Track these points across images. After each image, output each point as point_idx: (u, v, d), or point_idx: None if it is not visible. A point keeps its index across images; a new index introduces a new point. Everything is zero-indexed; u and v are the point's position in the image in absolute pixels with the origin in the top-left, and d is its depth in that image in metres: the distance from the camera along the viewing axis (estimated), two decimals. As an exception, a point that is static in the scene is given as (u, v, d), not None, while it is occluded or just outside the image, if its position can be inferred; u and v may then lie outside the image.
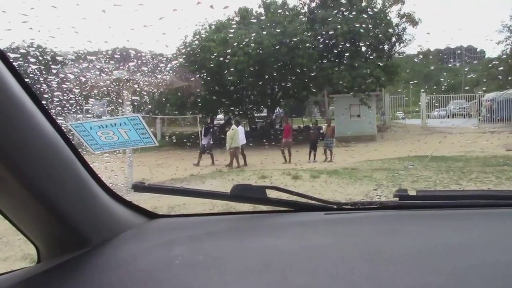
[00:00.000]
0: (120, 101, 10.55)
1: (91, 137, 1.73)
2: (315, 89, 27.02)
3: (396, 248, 1.34)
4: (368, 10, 24.64)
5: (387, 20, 26.75)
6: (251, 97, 26.19)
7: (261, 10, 27.00)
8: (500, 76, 28.34)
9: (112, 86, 10.29)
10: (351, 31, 22.17)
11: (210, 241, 1.53)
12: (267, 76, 21.99)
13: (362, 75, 22.99)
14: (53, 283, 1.26)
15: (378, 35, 25.75)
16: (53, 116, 1.27)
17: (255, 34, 21.82)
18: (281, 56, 21.84)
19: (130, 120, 1.77)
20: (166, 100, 22.31)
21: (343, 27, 22.10)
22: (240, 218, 1.86)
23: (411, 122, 29.74)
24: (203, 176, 12.86)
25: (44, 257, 1.51)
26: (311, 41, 22.91)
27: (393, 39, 29.66)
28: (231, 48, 21.41)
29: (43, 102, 1.23)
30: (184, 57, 21.82)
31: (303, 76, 22.90)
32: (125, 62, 11.31)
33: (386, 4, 27.71)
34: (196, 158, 16.67)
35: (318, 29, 23.47)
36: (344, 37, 22.34)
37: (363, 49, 25.33)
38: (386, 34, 27.16)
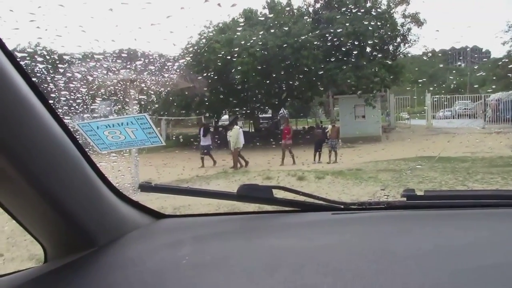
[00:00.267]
0: (127, 101, 10.55)
1: (98, 137, 1.73)
2: (320, 90, 26.98)
3: (404, 248, 1.34)
4: (373, 11, 24.60)
5: (392, 21, 26.67)
6: (256, 98, 26.20)
7: (266, 11, 27.05)
8: (511, 74, 28.12)
9: (119, 86, 10.30)
10: (356, 32, 22.11)
11: (217, 241, 1.52)
12: (272, 77, 21.99)
13: (367, 76, 22.95)
14: (60, 283, 1.26)
15: (383, 36, 25.67)
16: (60, 116, 1.27)
17: (260, 35, 21.82)
18: (286, 57, 21.84)
19: (137, 120, 1.76)
20: (172, 101, 22.32)
21: (348, 28, 22.05)
22: (247, 218, 1.85)
23: (416, 123, 29.69)
24: (208, 177, 12.87)
25: (51, 257, 1.51)
26: (316, 42, 22.88)
27: (398, 40, 29.54)
28: (236, 49, 21.41)
29: (50, 102, 1.23)
30: (192, 56, 21.82)
31: (308, 77, 22.89)
32: (132, 61, 11.32)
33: (391, 5, 27.63)
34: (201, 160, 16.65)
35: (323, 30, 23.42)
36: (349, 38, 22.28)
37: (368, 50, 25.28)
38: (391, 35, 27.09)
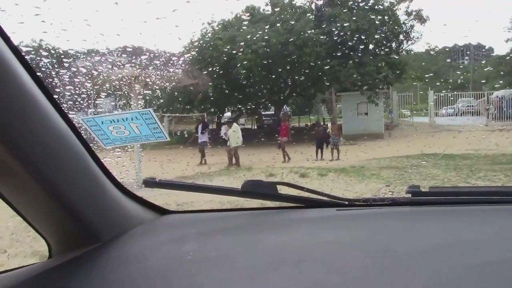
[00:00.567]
0: (132, 96, 10.54)
1: (103, 132, 1.73)
2: (323, 87, 26.97)
3: (410, 244, 1.33)
4: (376, 8, 24.53)
5: (395, 18, 26.62)
6: (259, 95, 26.19)
7: (268, 8, 27.00)
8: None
9: (124, 80, 10.29)
10: (359, 29, 22.05)
11: (221, 237, 1.52)
12: (275, 74, 21.96)
13: (370, 73, 22.92)
14: (64, 278, 1.26)
15: (386, 33, 25.63)
16: (65, 111, 1.26)
17: (262, 32, 21.78)
18: (289, 54, 21.79)
19: (142, 115, 1.76)
20: (175, 97, 22.29)
21: (351, 25, 22.00)
22: (251, 214, 1.85)
23: (419, 120, 29.61)
24: (211, 174, 12.89)
25: (55, 253, 1.52)
26: (319, 39, 22.84)
27: (401, 37, 29.50)
28: (239, 46, 21.39)
29: (55, 97, 1.22)
30: (197, 50, 21.78)
31: (311, 74, 22.87)
32: (137, 56, 11.30)
33: (394, 2, 27.54)
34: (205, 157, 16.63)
35: (326, 27, 23.37)
36: (352, 35, 22.23)
37: (371, 47, 25.24)
38: (394, 32, 27.04)
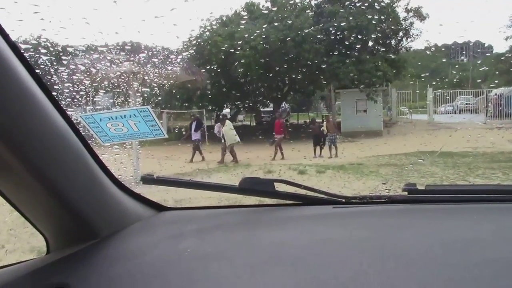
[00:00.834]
0: (130, 93, 10.54)
1: (101, 129, 1.74)
2: (322, 84, 26.94)
3: (406, 242, 1.34)
4: (376, 5, 24.48)
5: (395, 15, 26.58)
6: (258, 91, 26.19)
7: (268, 5, 26.95)
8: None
9: (122, 78, 10.30)
10: (358, 26, 22.02)
11: (219, 234, 1.53)
12: (274, 71, 21.93)
13: (369, 70, 22.89)
14: (62, 274, 1.27)
15: (386, 30, 25.61)
16: (63, 108, 1.27)
17: (262, 29, 21.76)
18: (288, 51, 21.78)
19: (140, 112, 1.77)
20: (173, 94, 22.27)
21: (350, 22, 21.97)
22: (249, 211, 1.86)
23: (418, 118, 29.63)
24: (209, 171, 12.88)
25: (53, 248, 1.52)
26: (318, 36, 22.81)
27: (401, 34, 29.46)
28: (238, 43, 21.36)
29: (54, 94, 1.23)
30: (194, 49, 21.74)
31: (310, 71, 22.85)
32: (136, 54, 11.31)
33: (394, -1, 27.49)
34: (203, 153, 16.60)
35: (325, 24, 23.34)
36: (351, 32, 22.21)
37: (370, 44, 25.22)
38: (394, 29, 27.01)
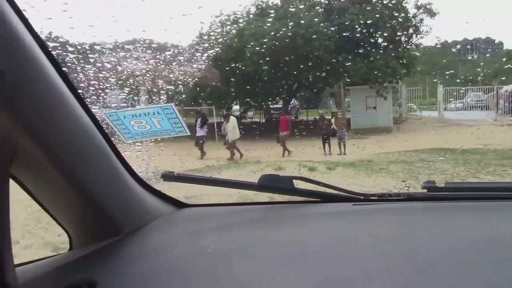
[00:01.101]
0: (155, 90, 10.61)
1: (124, 126, 1.75)
2: (331, 81, 26.86)
3: (426, 240, 1.34)
4: (385, 1, 24.35)
5: (405, 11, 26.39)
6: (267, 88, 26.12)
7: (277, 1, 26.90)
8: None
9: (147, 76, 10.36)
10: (368, 22, 21.93)
11: (240, 231, 1.54)
12: (283, 67, 21.88)
13: (379, 67, 22.76)
14: (88, 270, 1.28)
15: (395, 26, 25.44)
16: (88, 105, 1.28)
17: (271, 26, 21.70)
18: (297, 47, 21.70)
19: (164, 109, 1.78)
20: (191, 91, 22.24)
21: (360, 18, 21.88)
22: (268, 208, 1.87)
23: (428, 114, 29.46)
24: (219, 167, 12.91)
25: (76, 245, 1.54)
26: (327, 32, 22.72)
27: (410, 30, 29.24)
28: (247, 39, 21.32)
29: (79, 91, 1.24)
30: (220, 47, 21.66)
31: (319, 67, 22.75)
32: (161, 52, 11.37)
33: (404, -5, 27.27)
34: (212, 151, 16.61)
35: (335, 20, 23.26)
36: (361, 28, 22.12)
37: (380, 41, 25.06)
38: (403, 25, 26.82)
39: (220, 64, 20.82)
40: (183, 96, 18.00)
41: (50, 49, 1.12)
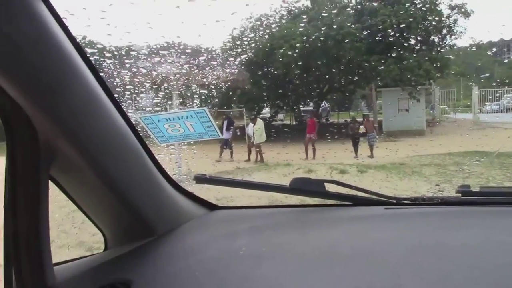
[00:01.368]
0: (188, 95, 10.75)
1: (158, 130, 1.79)
2: (362, 83, 26.56)
3: (461, 244, 1.31)
4: (418, 2, 23.99)
5: (438, 12, 25.93)
6: (297, 91, 26.06)
7: (308, 3, 26.83)
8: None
9: (181, 80, 10.50)
10: (400, 23, 21.64)
11: (272, 233, 1.54)
12: (313, 70, 21.80)
13: (411, 68, 22.39)
14: (124, 270, 1.31)
15: (428, 27, 25.03)
16: (124, 110, 1.31)
17: (302, 27, 21.64)
18: (328, 49, 21.58)
19: (197, 113, 1.81)
20: (224, 94, 22.35)
21: (392, 19, 21.61)
22: (300, 211, 1.87)
23: (462, 117, 28.85)
24: (249, 169, 12.94)
25: (111, 245, 1.58)
26: (359, 34, 22.53)
27: (444, 31, 28.71)
28: (278, 42, 21.33)
29: (116, 96, 1.28)
30: (253, 51, 21.74)
31: (350, 69, 22.58)
32: (196, 57, 11.52)
33: (437, -4, 26.81)
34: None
35: (366, 22, 23.04)
36: (393, 30, 21.84)
37: (413, 42, 24.71)
38: (437, 26, 26.37)
39: (252, 68, 20.86)
40: (216, 100, 18.07)
41: (88, 55, 1.16)
